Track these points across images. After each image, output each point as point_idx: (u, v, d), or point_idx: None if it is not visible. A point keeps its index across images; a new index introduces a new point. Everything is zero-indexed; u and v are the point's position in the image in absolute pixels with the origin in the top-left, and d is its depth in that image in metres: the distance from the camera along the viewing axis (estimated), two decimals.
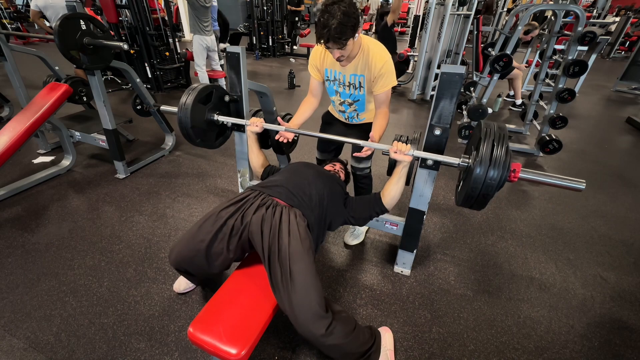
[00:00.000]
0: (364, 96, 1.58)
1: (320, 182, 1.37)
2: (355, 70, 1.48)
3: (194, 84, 1.60)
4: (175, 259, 1.27)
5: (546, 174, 1.17)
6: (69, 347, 1.34)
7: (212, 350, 1.02)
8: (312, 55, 1.60)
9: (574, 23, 2.71)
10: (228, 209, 1.24)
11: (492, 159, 1.04)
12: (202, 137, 1.65)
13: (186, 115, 1.52)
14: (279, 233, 1.14)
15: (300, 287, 1.04)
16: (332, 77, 1.58)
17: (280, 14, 7.32)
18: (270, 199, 1.26)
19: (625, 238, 2.11)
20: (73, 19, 1.88)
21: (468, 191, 1.11)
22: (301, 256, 1.09)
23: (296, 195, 1.27)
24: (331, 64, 1.54)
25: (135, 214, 2.16)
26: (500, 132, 1.08)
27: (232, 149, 1.94)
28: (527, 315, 1.56)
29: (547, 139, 2.95)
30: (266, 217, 1.18)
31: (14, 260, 1.77)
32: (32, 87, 3.48)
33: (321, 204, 1.31)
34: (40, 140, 2.93)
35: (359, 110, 1.67)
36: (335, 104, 1.73)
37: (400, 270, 1.77)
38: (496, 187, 1.05)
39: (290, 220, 1.17)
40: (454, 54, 4.88)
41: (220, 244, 1.20)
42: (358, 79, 1.51)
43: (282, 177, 1.38)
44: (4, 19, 9.03)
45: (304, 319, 1.02)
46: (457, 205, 1.33)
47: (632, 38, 9.04)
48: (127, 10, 4.37)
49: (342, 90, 1.60)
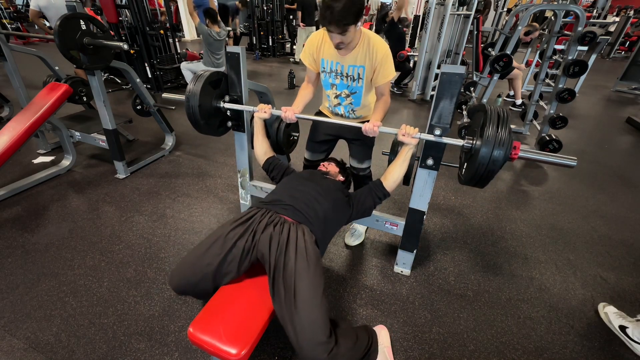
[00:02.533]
0: (362, 89, 1.54)
1: (323, 196, 1.34)
2: (354, 61, 1.46)
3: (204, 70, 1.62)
4: (178, 283, 1.19)
5: (541, 152, 1.28)
6: (69, 347, 1.34)
7: (212, 351, 1.02)
8: (309, 43, 1.55)
9: (574, 23, 2.71)
10: (236, 230, 1.19)
11: (497, 138, 1.11)
12: (207, 120, 1.64)
13: (195, 95, 1.54)
14: (286, 250, 1.12)
15: (304, 310, 1.00)
16: (328, 68, 1.54)
17: (280, 14, 7.32)
18: (277, 217, 1.23)
19: (625, 238, 2.11)
20: (73, 19, 1.88)
21: (475, 169, 1.17)
22: (307, 274, 1.06)
23: (302, 212, 1.25)
24: (329, 54, 1.50)
25: (135, 214, 2.16)
26: (503, 113, 1.17)
27: (232, 149, 1.94)
28: (527, 315, 1.56)
29: (547, 139, 2.95)
30: (274, 234, 1.16)
31: (14, 261, 1.77)
32: (32, 87, 3.48)
33: (326, 219, 1.29)
34: (40, 140, 2.93)
35: (354, 105, 1.63)
36: (331, 99, 1.66)
37: (400, 270, 1.77)
38: (500, 163, 1.13)
39: (298, 236, 1.15)
40: (454, 54, 4.88)
41: (230, 266, 1.16)
42: (357, 70, 1.48)
43: (285, 194, 1.35)
44: (4, 19, 9.03)
45: (307, 347, 0.98)
46: (461, 184, 1.38)
47: (632, 38, 9.04)
48: (127, 10, 4.37)
49: (338, 82, 1.56)
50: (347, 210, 1.41)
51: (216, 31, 3.97)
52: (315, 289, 1.06)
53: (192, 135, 3.32)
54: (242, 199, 2.08)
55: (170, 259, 1.81)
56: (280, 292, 1.07)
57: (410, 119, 4.22)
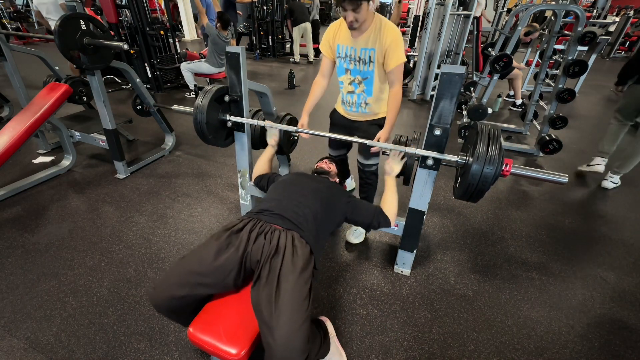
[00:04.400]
0: (373, 73, 1.60)
1: (311, 197, 1.32)
2: (366, 44, 1.52)
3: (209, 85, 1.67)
4: (165, 298, 1.06)
5: (533, 169, 1.29)
6: (69, 347, 1.34)
7: (212, 350, 1.02)
8: (327, 32, 1.65)
9: (574, 23, 2.71)
10: (228, 240, 1.14)
11: (488, 156, 1.14)
12: (214, 134, 1.69)
13: (202, 112, 1.58)
14: (275, 254, 1.09)
15: (286, 314, 0.94)
16: (343, 53, 1.61)
17: (280, 14, 7.32)
18: (268, 226, 1.21)
19: (625, 238, 2.11)
20: (73, 19, 1.88)
21: (466, 185, 1.21)
22: (292, 278, 1.03)
23: (291, 220, 1.22)
24: (344, 40, 1.58)
25: (135, 214, 2.16)
26: (494, 132, 1.19)
27: (232, 149, 1.94)
28: (527, 315, 1.56)
29: (547, 139, 2.95)
30: (265, 244, 1.13)
31: (14, 261, 1.77)
32: (32, 87, 3.48)
33: (316, 221, 1.26)
34: (40, 140, 2.93)
35: (367, 93, 1.67)
36: (345, 85, 1.72)
37: (400, 271, 1.77)
38: (491, 181, 1.16)
39: (287, 242, 1.13)
40: (454, 54, 4.88)
41: (227, 279, 1.11)
42: (368, 53, 1.54)
43: (273, 203, 1.31)
44: (4, 19, 9.03)
45: (285, 356, 0.91)
46: (455, 198, 1.40)
47: (632, 38, 9.05)
48: (127, 10, 4.37)
49: (352, 67, 1.62)
50: (342, 208, 1.39)
51: (224, 35, 4.14)
52: (300, 290, 1.01)
53: (192, 135, 3.32)
54: (242, 199, 2.08)
55: (170, 259, 1.81)
56: (262, 294, 1.02)
57: (410, 119, 4.22)
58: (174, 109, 1.91)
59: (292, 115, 2.03)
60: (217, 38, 4.09)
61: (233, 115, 1.73)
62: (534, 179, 1.30)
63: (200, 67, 4.34)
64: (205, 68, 4.33)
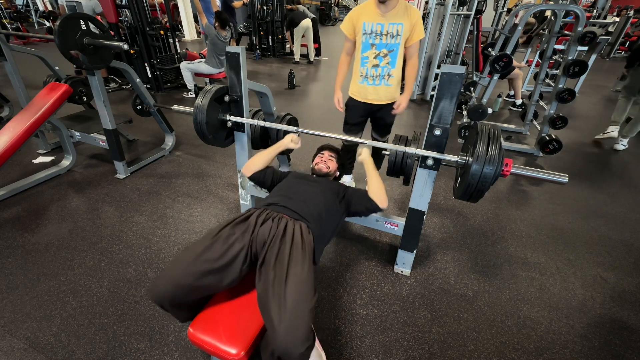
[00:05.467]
0: (399, 45, 1.77)
1: (317, 198, 1.37)
2: (395, 19, 1.71)
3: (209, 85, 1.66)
4: (170, 286, 1.05)
5: (534, 169, 1.29)
6: (69, 347, 1.34)
7: (212, 350, 1.02)
8: (350, 14, 1.83)
9: (574, 23, 2.71)
10: (235, 228, 1.16)
11: (488, 156, 1.15)
12: (214, 134, 1.69)
13: (202, 112, 1.59)
14: (282, 239, 1.12)
15: (293, 299, 0.95)
16: (369, 30, 1.76)
17: (281, 14, 7.32)
18: (275, 213, 1.25)
19: (625, 238, 2.11)
20: (73, 19, 1.88)
21: (466, 185, 1.21)
22: (301, 262, 1.05)
23: (298, 212, 1.27)
24: (369, 17, 1.74)
25: (135, 214, 2.16)
26: (494, 132, 1.19)
27: (232, 149, 1.94)
28: (527, 315, 1.56)
29: (547, 139, 2.95)
30: (272, 227, 1.17)
31: (14, 261, 1.77)
32: (32, 87, 3.49)
33: (321, 220, 1.31)
34: (40, 140, 2.93)
35: (391, 65, 1.82)
36: (370, 59, 1.84)
37: (400, 271, 1.77)
38: (491, 181, 1.16)
39: (295, 229, 1.17)
40: (454, 54, 4.88)
41: (233, 266, 1.11)
42: (396, 27, 1.72)
43: (281, 197, 1.36)
44: (4, 19, 9.03)
45: (290, 343, 0.90)
46: (455, 198, 1.41)
47: (632, 38, 9.03)
48: (127, 10, 4.37)
49: (378, 41, 1.78)
50: (340, 209, 1.44)
51: (223, 34, 4.14)
52: (306, 277, 1.03)
53: (192, 135, 3.31)
54: (242, 199, 2.08)
55: (170, 259, 1.81)
56: (269, 279, 1.02)
57: (410, 119, 4.21)
58: (174, 109, 1.92)
59: (292, 115, 2.03)
60: (215, 39, 4.10)
61: (233, 115, 1.73)
62: (534, 179, 1.31)
63: (199, 68, 4.35)
64: (204, 68, 4.33)
